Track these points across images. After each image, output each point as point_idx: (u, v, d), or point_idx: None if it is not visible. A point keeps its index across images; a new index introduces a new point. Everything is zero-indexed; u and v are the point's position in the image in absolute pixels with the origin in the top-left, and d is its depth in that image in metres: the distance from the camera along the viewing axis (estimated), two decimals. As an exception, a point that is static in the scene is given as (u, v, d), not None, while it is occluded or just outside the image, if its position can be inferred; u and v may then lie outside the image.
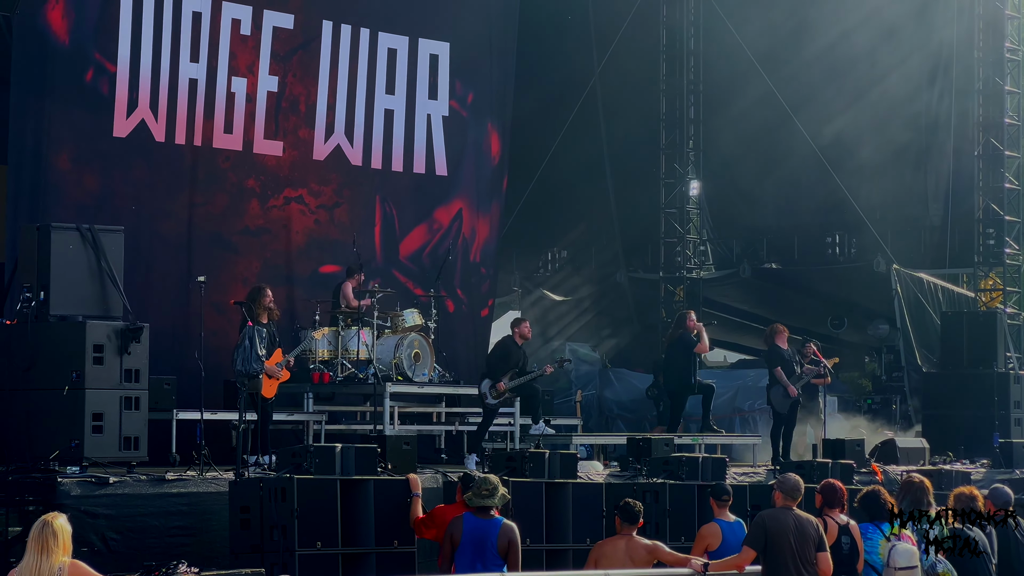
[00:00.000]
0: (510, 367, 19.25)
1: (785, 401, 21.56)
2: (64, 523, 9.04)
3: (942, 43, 28.32)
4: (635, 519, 13.27)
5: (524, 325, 19.75)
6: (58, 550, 8.95)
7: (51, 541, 8.95)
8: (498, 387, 19.07)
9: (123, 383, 15.14)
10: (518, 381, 19.18)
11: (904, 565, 12.35)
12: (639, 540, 13.27)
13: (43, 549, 8.93)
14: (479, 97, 23.17)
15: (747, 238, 30.86)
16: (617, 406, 28.76)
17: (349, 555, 14.22)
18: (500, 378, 19.14)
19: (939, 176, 28.72)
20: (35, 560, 8.92)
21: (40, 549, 8.93)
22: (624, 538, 13.26)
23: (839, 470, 18.36)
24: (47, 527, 8.98)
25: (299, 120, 21.12)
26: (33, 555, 8.93)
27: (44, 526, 8.99)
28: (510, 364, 19.27)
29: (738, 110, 29.51)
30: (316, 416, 18.93)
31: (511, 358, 19.33)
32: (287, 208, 21.03)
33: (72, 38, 18.62)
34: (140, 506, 14.54)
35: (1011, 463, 22.89)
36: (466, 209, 22.95)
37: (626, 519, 13.27)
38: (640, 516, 13.33)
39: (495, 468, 15.82)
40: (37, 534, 8.99)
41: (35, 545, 8.96)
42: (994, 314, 26.36)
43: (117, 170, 19.25)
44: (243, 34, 20.42)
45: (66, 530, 9.03)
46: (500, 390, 19.07)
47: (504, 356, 19.39)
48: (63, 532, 9.01)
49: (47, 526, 8.98)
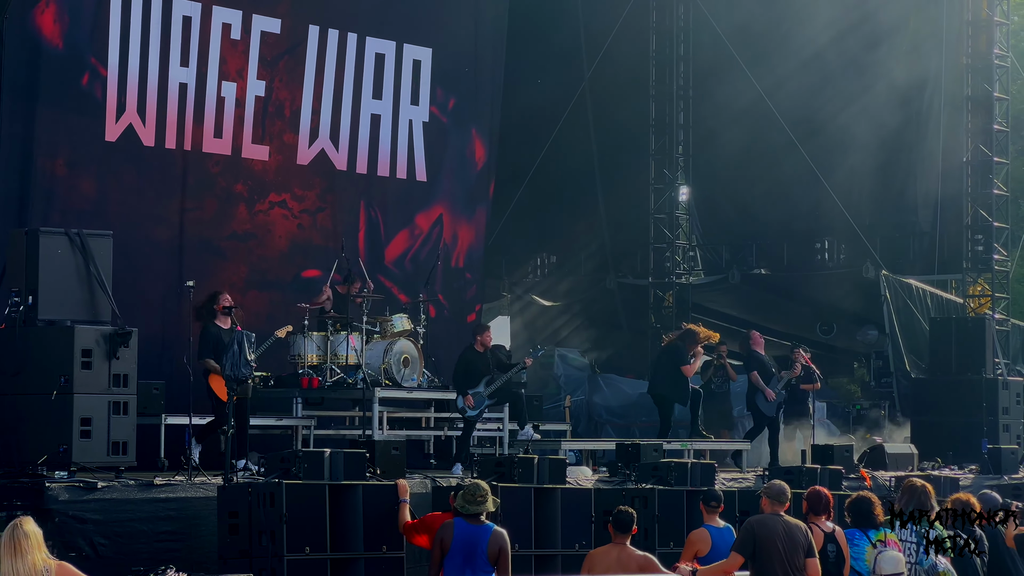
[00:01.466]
0: (478, 377, 19.17)
1: (769, 406, 21.68)
2: (33, 525, 9.02)
3: (931, 50, 28.37)
4: (627, 527, 13.24)
5: (486, 334, 19.60)
6: (32, 550, 8.92)
7: (23, 543, 8.93)
8: (467, 400, 19.05)
9: (112, 388, 15.10)
10: (497, 383, 19.09)
11: (890, 572, 12.40)
12: (632, 551, 13.25)
13: (16, 551, 8.90)
14: (462, 103, 23.14)
15: (736, 244, 30.89)
16: (606, 411, 28.75)
17: (338, 560, 14.19)
18: (468, 391, 19.12)
19: (928, 182, 28.77)
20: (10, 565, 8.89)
21: (13, 552, 8.90)
22: (617, 547, 13.24)
23: (828, 476, 18.37)
24: (17, 529, 8.96)
25: (284, 125, 21.12)
26: (7, 561, 8.90)
27: (14, 529, 8.97)
28: (475, 375, 19.18)
29: (727, 116, 29.55)
30: (305, 421, 18.90)
31: (473, 369, 19.22)
32: (271, 213, 21.03)
33: (66, 42, 18.59)
34: (128, 511, 14.49)
35: (999, 469, 22.92)
36: (447, 215, 22.92)
37: (619, 528, 13.24)
38: (633, 523, 13.30)
39: (483, 474, 15.79)
40: (8, 539, 8.96)
41: (7, 550, 8.93)
42: (982, 320, 26.40)
43: (109, 175, 19.24)
44: (233, 38, 20.41)
45: (36, 532, 9.02)
46: (469, 403, 19.05)
47: (466, 370, 19.29)
48: (34, 534, 8.99)
49: (16, 528, 8.96)
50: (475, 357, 19.29)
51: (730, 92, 29.30)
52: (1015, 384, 25.50)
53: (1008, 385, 25.19)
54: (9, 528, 8.99)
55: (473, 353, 19.37)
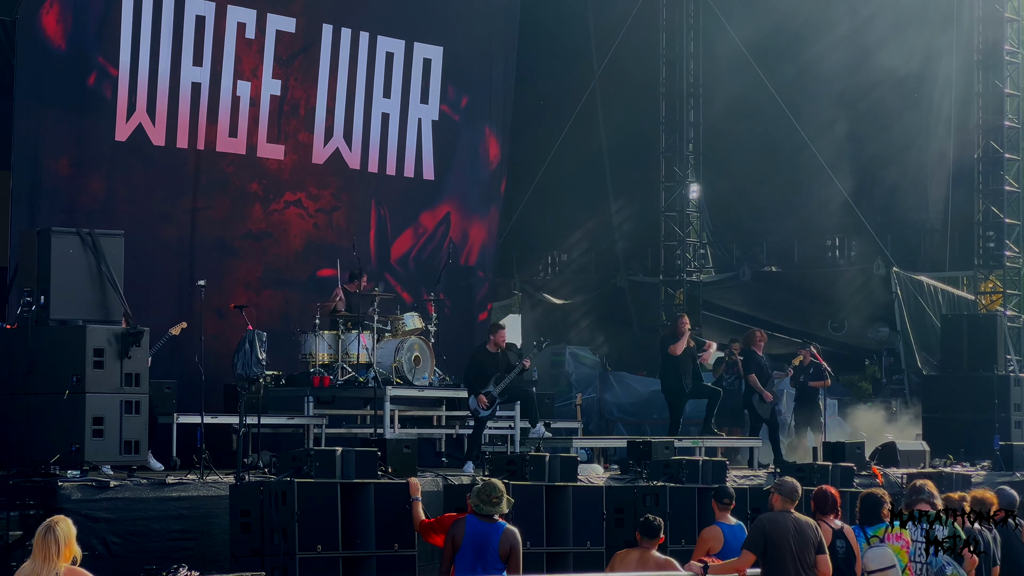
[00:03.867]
0: (489, 376, 19.10)
1: (764, 407, 21.70)
2: (68, 527, 9.04)
3: (941, 46, 28.33)
4: (655, 534, 13.34)
5: (500, 334, 19.44)
6: (59, 559, 8.94)
7: (53, 548, 8.95)
8: (479, 400, 18.98)
9: (123, 387, 15.12)
10: (504, 383, 19.06)
11: (875, 568, 12.48)
12: (653, 554, 13.31)
13: (46, 557, 8.93)
14: (475, 101, 23.15)
15: (747, 241, 30.86)
16: (617, 409, 28.75)
17: (349, 558, 14.22)
18: (480, 391, 19.05)
19: (939, 179, 28.73)
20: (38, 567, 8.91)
21: (44, 557, 8.93)
22: (639, 550, 13.30)
23: (839, 473, 18.36)
24: (50, 532, 8.98)
25: (299, 124, 21.14)
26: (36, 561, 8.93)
27: (47, 531, 8.98)
28: (488, 374, 19.11)
29: (738, 113, 29.54)
30: (316, 420, 18.93)
31: (486, 369, 19.15)
32: (287, 212, 21.06)
33: (70, 42, 18.63)
34: (141, 510, 14.53)
35: (1011, 466, 22.89)
36: (455, 213, 22.93)
37: (647, 534, 13.32)
38: (660, 531, 13.37)
39: (495, 472, 15.82)
40: (41, 539, 8.99)
41: (39, 551, 8.96)
42: (994, 317, 26.35)
43: (119, 174, 19.28)
44: (248, 38, 20.44)
45: (70, 534, 9.04)
46: (482, 403, 18.97)
47: (478, 370, 19.21)
48: (66, 537, 9.01)
49: (50, 531, 8.98)
50: (487, 357, 19.25)
51: (741, 89, 29.28)
52: (1027, 381, 25.48)
53: (1020, 382, 25.13)
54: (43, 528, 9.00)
55: (485, 353, 19.33)
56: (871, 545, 12.56)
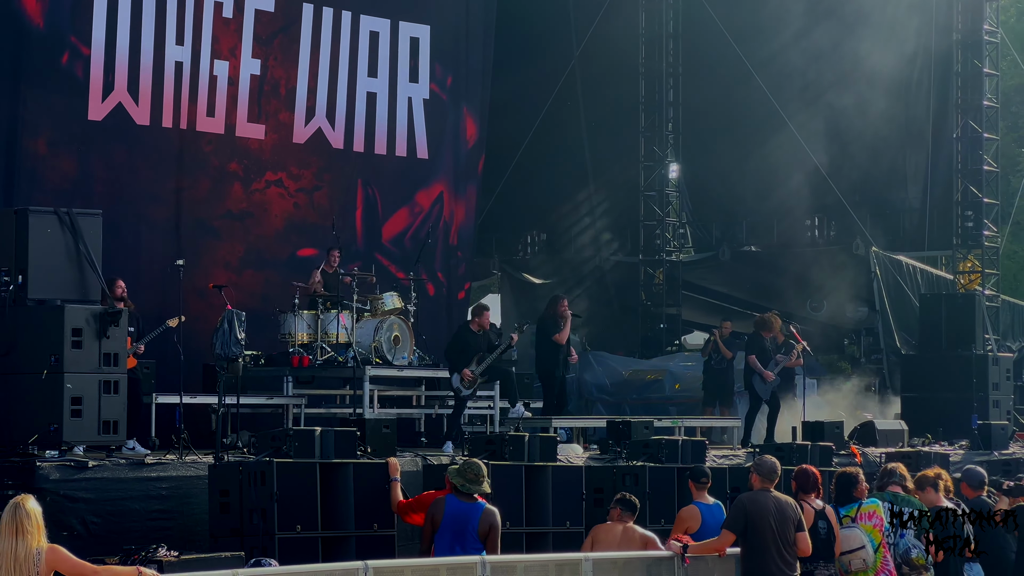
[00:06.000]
0: (471, 355, 19.01)
1: (766, 387, 21.66)
2: (35, 504, 9.02)
3: (920, 26, 28.35)
4: (635, 509, 13.45)
5: (484, 315, 19.33)
6: (33, 531, 8.92)
7: (25, 523, 8.93)
8: (463, 375, 18.88)
9: (102, 367, 15.07)
10: (487, 362, 19.02)
11: (845, 550, 12.52)
12: (635, 529, 13.34)
13: (18, 531, 8.91)
14: (456, 80, 23.15)
15: (726, 221, 30.90)
16: (597, 389, 28.76)
17: (329, 538, 14.20)
18: (462, 368, 18.95)
19: (918, 159, 28.79)
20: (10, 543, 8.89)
21: (15, 532, 8.91)
22: (621, 524, 13.33)
23: (818, 452, 18.39)
24: (19, 509, 8.96)
25: (280, 103, 21.09)
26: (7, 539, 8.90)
27: (16, 508, 8.96)
28: (470, 353, 19.02)
29: (717, 93, 29.54)
30: (295, 400, 18.91)
31: (468, 348, 19.03)
32: (268, 192, 21.01)
33: (47, 21, 18.57)
34: (120, 490, 14.49)
35: (989, 445, 22.97)
36: (446, 192, 22.95)
37: (627, 508, 13.41)
38: (637, 508, 13.46)
39: (475, 452, 15.81)
40: (10, 517, 8.97)
41: (9, 528, 8.93)
42: (972, 296, 26.43)
43: (94, 154, 19.20)
44: (225, 17, 20.38)
45: (37, 511, 9.02)
46: (467, 377, 18.87)
47: (461, 348, 19.08)
48: (35, 514, 8.99)
49: (19, 508, 8.96)
50: (470, 337, 19.19)
51: (720, 69, 29.28)
52: (1005, 360, 25.55)
53: (998, 361, 25.22)
54: (10, 507, 8.98)
55: (469, 333, 19.26)
56: (843, 526, 12.60)
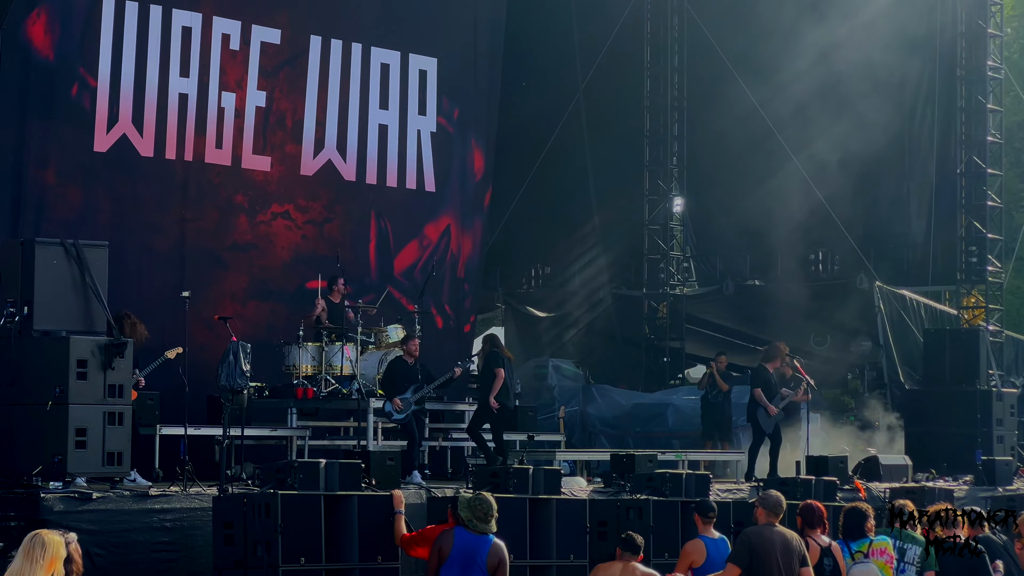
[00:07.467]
0: (406, 384, 18.90)
1: (769, 421, 21.63)
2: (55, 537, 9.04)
3: (925, 62, 28.42)
4: (637, 550, 13.36)
5: (412, 343, 19.20)
6: (44, 562, 8.94)
7: (38, 551, 8.96)
8: (394, 403, 18.80)
9: (107, 398, 15.06)
10: (424, 392, 18.90)
11: None
12: (637, 568, 13.30)
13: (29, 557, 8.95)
14: (464, 113, 23.20)
15: (730, 255, 30.92)
16: (600, 422, 28.75)
17: (333, 571, 14.19)
18: (395, 396, 18.86)
19: (922, 194, 28.82)
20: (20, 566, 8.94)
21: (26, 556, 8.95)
22: (622, 563, 13.28)
23: (822, 487, 18.37)
24: (36, 538, 9.00)
25: (286, 135, 21.13)
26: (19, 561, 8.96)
27: (33, 537, 9.01)
28: (401, 383, 18.92)
29: (722, 127, 29.59)
30: (300, 431, 18.90)
31: (398, 378, 18.98)
32: (274, 224, 21.04)
33: (57, 53, 18.64)
34: (124, 522, 14.47)
35: (993, 480, 22.93)
36: (454, 225, 22.98)
37: (628, 549, 13.32)
38: (641, 549, 13.38)
39: (478, 484, 15.80)
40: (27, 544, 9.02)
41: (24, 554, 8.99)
42: (976, 331, 26.41)
43: (100, 185, 19.25)
44: (232, 49, 20.44)
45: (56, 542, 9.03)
46: (396, 407, 18.79)
47: (391, 378, 19.05)
48: (52, 544, 9.01)
49: (36, 537, 9.00)
50: (402, 366, 19.09)
51: (724, 103, 29.34)
52: (1009, 395, 25.52)
53: (1002, 396, 25.19)
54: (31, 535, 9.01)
55: (400, 363, 19.14)
56: (855, 561, 12.57)
